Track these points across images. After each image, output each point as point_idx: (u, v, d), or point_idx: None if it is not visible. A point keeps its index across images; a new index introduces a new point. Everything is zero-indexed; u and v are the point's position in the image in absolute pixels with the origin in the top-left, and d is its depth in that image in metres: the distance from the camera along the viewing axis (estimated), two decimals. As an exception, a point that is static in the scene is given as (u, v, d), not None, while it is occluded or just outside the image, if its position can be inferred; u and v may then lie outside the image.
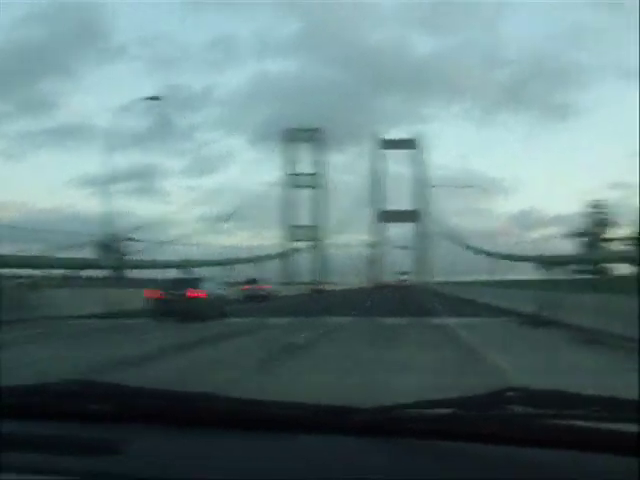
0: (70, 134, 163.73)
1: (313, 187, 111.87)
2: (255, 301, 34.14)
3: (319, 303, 35.21)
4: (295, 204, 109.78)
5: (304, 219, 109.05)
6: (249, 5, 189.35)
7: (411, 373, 8.44)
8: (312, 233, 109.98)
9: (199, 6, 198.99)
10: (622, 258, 37.88)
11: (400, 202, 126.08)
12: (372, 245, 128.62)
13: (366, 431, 1.25)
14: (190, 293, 19.61)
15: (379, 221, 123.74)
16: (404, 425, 1.26)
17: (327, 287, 79.65)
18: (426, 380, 7.60)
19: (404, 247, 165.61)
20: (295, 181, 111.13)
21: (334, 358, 10.43)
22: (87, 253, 36.46)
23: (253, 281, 42.09)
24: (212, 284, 22.65)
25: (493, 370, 8.84)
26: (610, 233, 53.99)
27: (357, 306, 30.17)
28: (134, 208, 69.94)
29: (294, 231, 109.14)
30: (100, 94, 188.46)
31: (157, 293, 19.96)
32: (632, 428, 1.09)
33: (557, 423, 1.18)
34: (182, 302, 19.02)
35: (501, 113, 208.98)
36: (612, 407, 1.24)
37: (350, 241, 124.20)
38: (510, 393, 1.31)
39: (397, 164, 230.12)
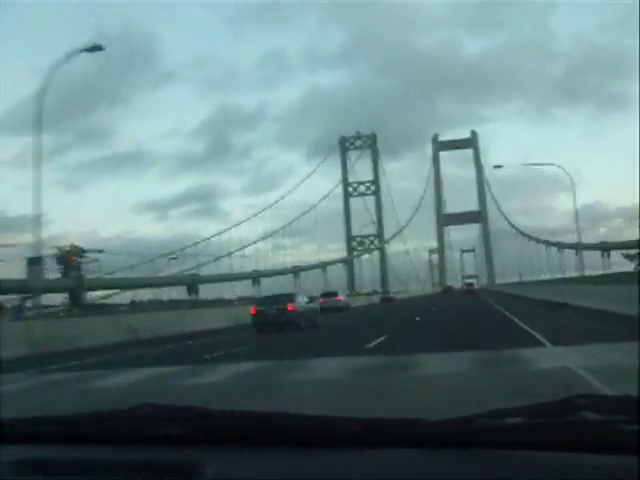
0: (128, 161, 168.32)
1: (373, 194, 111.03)
2: (332, 312, 35.08)
3: (393, 312, 34.85)
4: (356, 213, 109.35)
5: (366, 228, 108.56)
6: (295, 18, 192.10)
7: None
8: (374, 241, 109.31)
9: (245, 23, 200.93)
10: None
11: (461, 204, 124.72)
12: (436, 250, 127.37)
13: (436, 443, 1.23)
14: (290, 307, 22.33)
15: (442, 224, 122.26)
16: (475, 436, 1.25)
17: (396, 296, 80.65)
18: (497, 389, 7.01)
19: (469, 250, 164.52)
20: (355, 189, 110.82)
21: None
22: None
23: (330, 294, 43.51)
24: (303, 298, 25.29)
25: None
26: None
27: (428, 312, 29.94)
28: (197, 229, 72.79)
29: (356, 241, 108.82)
30: (155, 119, 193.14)
31: (257, 310, 22.96)
32: None
33: (628, 428, 1.16)
34: (283, 315, 21.85)
35: (557, 108, 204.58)
36: None
37: (413, 247, 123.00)
38: (580, 400, 1.31)
39: (456, 167, 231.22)
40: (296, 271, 79.89)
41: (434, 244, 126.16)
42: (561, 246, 71.80)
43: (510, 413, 1.31)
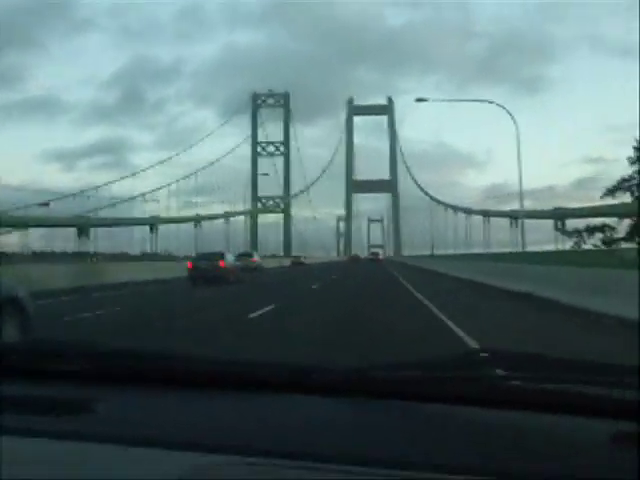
0: (38, 107, 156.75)
1: (282, 154, 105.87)
2: (247, 272, 35.96)
3: (306, 274, 38.39)
4: (264, 174, 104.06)
5: (274, 189, 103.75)
6: None
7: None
8: (279, 204, 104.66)
9: None
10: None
11: (372, 174, 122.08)
12: (344, 218, 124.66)
13: (334, 391, 1.24)
14: (221, 263, 26.00)
15: (351, 191, 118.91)
16: (373, 386, 1.24)
17: (305, 260, 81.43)
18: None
19: (377, 220, 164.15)
20: (264, 149, 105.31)
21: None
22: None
23: (245, 255, 45.27)
24: (231, 257, 29.38)
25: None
26: None
27: (339, 275, 34.71)
28: (104, 182, 66.85)
29: (263, 202, 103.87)
30: (68, 66, 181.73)
31: (194, 265, 26.27)
32: (599, 391, 1.10)
33: (524, 385, 1.18)
34: (214, 271, 25.20)
35: (474, 86, 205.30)
36: (584, 370, 1.24)
37: (321, 214, 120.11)
38: (482, 354, 1.33)
39: (369, 137, 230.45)
40: (198, 220, 74.27)
41: (343, 212, 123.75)
42: (482, 214, 67.79)
43: (412, 366, 1.31)
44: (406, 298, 16.80)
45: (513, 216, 45.52)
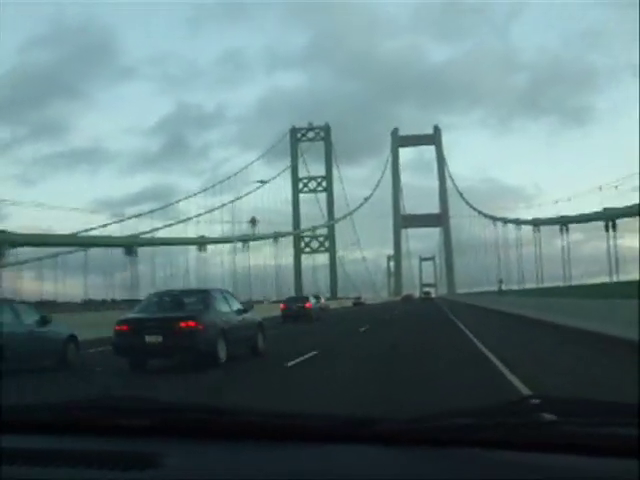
0: (84, 157, 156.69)
1: (324, 191, 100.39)
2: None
3: (369, 313, 41.49)
4: (307, 212, 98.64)
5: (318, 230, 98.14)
6: (256, 17, 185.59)
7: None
8: (324, 242, 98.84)
9: (205, 21, 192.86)
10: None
11: (422, 209, 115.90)
12: (394, 258, 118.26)
13: (392, 441, 1.25)
14: (307, 305, 34.08)
15: (399, 226, 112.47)
16: (430, 435, 1.26)
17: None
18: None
19: (429, 258, 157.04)
20: (306, 185, 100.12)
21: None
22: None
23: (315, 297, 46.78)
24: (313, 299, 36.60)
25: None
26: None
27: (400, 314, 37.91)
28: (151, 229, 64.08)
29: (304, 241, 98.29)
30: (112, 116, 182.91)
31: (286, 306, 34.28)
32: None
33: (580, 430, 1.20)
34: (302, 310, 33.21)
35: (519, 119, 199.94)
36: (633, 414, 1.24)
37: (371, 254, 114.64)
38: (532, 401, 1.35)
39: (415, 173, 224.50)
40: (245, 240, 70.51)
41: (392, 252, 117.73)
42: (531, 223, 58.08)
43: (465, 413, 1.34)
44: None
45: (563, 222, 44.29)
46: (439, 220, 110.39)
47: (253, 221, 75.07)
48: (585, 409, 1.30)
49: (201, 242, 63.13)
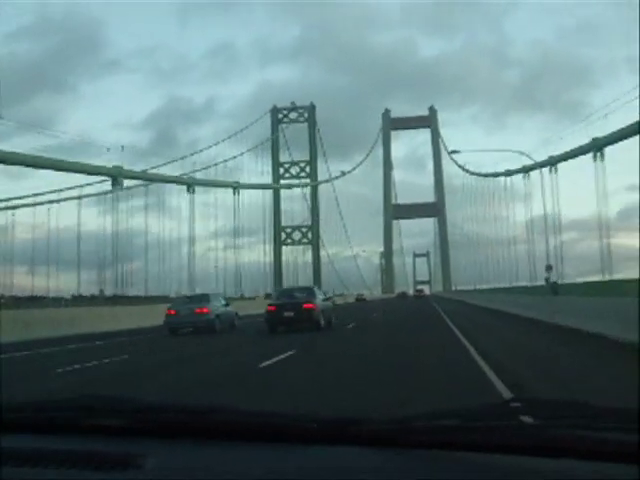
0: (72, 151, 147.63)
1: (308, 177, 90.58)
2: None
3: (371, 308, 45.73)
4: (290, 201, 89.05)
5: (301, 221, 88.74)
6: (246, 9, 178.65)
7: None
8: (306, 233, 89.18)
9: (195, 14, 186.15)
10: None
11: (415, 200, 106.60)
12: (385, 251, 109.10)
13: (374, 442, 1.25)
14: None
15: (390, 217, 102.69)
16: (412, 436, 1.26)
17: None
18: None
19: (423, 255, 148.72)
20: (286, 171, 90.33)
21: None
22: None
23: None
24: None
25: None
26: None
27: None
28: (141, 224, 58.83)
29: (287, 232, 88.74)
30: (100, 109, 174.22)
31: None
32: (625, 437, 1.12)
33: (561, 433, 1.19)
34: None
35: (513, 115, 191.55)
36: (619, 417, 1.25)
37: (365, 251, 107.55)
38: (517, 403, 1.34)
39: (408, 170, 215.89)
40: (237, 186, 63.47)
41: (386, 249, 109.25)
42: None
43: (449, 415, 1.33)
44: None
45: (552, 162, 43.27)
46: (435, 209, 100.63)
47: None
48: (568, 412, 1.29)
49: (190, 182, 56.90)
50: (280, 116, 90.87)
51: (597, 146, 39.43)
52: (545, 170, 44.99)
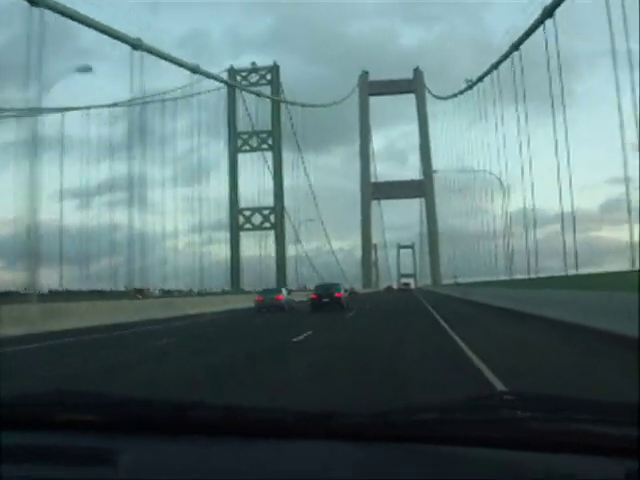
0: (44, 144, 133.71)
1: (270, 149, 75.98)
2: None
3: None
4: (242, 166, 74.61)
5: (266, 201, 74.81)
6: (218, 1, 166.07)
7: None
8: (268, 216, 74.75)
9: (165, 4, 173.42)
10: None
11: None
12: (362, 240, 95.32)
13: (353, 436, 1.24)
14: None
15: (369, 197, 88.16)
16: (394, 430, 1.24)
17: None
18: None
19: (408, 246, 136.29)
20: (244, 142, 75.84)
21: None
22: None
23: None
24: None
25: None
26: None
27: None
28: (123, 220, 51.83)
29: (246, 215, 74.45)
30: (72, 100, 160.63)
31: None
32: (620, 431, 1.12)
33: (544, 426, 1.20)
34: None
35: (495, 106, 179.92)
36: (603, 410, 1.26)
37: (346, 245, 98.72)
38: (500, 397, 1.35)
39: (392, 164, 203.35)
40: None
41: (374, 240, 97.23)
42: None
43: (432, 408, 1.33)
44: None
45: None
46: (420, 189, 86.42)
47: None
48: (554, 405, 1.29)
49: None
50: (239, 79, 76.47)
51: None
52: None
